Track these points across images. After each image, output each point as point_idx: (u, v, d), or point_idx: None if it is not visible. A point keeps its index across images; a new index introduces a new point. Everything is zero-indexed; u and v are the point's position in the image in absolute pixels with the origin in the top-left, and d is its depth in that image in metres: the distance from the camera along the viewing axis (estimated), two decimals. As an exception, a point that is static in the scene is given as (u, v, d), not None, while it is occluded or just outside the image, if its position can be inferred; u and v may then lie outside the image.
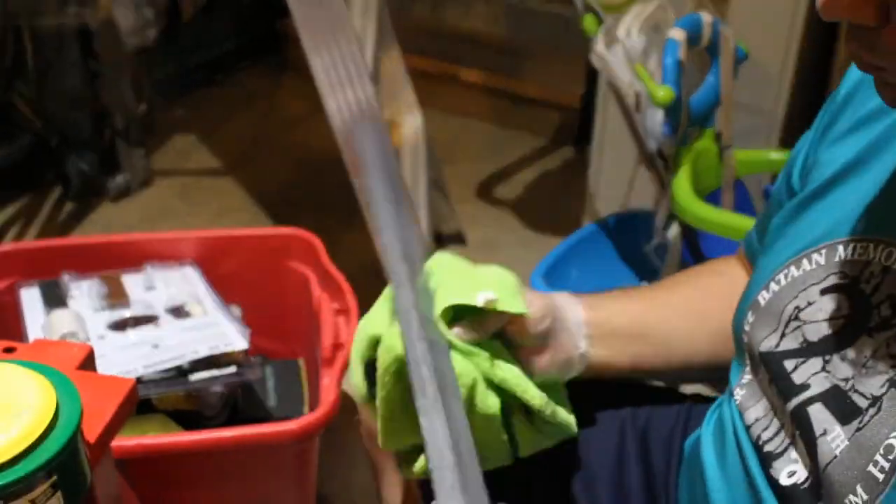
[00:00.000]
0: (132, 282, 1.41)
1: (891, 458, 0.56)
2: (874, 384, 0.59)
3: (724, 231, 1.39)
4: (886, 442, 0.56)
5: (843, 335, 0.61)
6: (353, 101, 1.54)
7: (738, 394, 0.72)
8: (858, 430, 0.58)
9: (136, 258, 1.45)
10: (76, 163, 2.30)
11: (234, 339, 1.24)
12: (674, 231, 1.59)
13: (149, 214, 2.34)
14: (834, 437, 0.60)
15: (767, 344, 0.67)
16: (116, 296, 1.36)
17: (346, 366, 1.23)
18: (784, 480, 0.64)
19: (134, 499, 0.75)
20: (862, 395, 0.59)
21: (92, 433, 0.53)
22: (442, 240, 2.10)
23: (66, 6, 2.16)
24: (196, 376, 1.20)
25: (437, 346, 0.67)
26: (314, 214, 2.27)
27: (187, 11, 2.75)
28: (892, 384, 0.58)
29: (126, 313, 1.32)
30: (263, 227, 2.24)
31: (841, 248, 0.63)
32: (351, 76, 1.52)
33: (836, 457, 0.59)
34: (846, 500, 0.58)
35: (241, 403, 1.35)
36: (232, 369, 1.23)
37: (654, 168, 1.70)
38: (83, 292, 1.37)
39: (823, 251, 0.64)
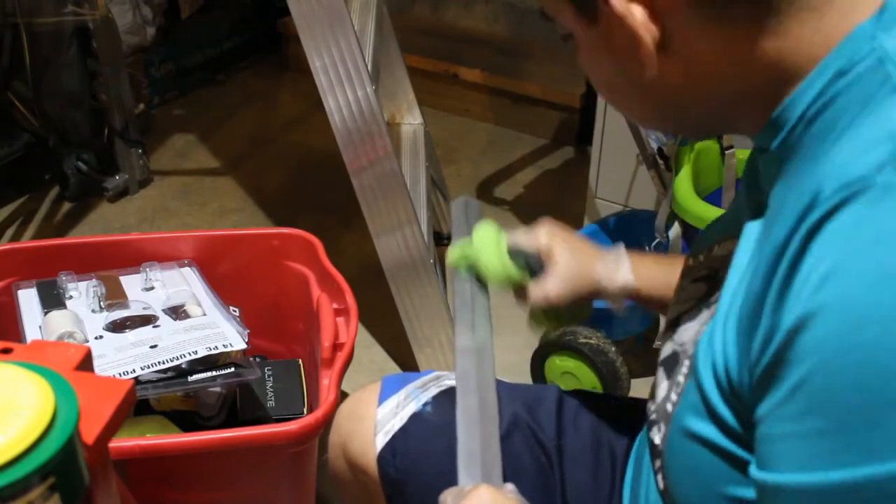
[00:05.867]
0: (130, 282, 1.40)
1: (678, 392, 0.66)
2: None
3: (726, 231, 1.39)
4: (678, 378, 0.67)
5: (693, 312, 0.71)
6: (353, 101, 1.54)
7: None
8: (672, 376, 0.70)
9: (134, 258, 1.44)
10: (74, 162, 2.30)
11: (232, 339, 1.23)
12: (675, 231, 1.58)
13: (147, 214, 2.34)
14: (662, 389, 0.71)
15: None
16: (114, 296, 1.35)
17: (345, 366, 1.22)
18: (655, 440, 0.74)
19: (132, 500, 0.75)
20: (685, 350, 0.69)
21: (90, 434, 0.52)
22: (442, 240, 2.10)
23: (64, 5, 2.15)
24: (195, 377, 1.20)
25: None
26: (314, 214, 2.27)
27: (186, 10, 2.75)
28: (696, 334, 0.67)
29: (124, 313, 1.31)
30: (263, 227, 2.23)
31: (716, 247, 0.73)
32: (351, 76, 1.52)
33: (660, 401, 0.71)
34: (659, 433, 0.70)
35: (239, 404, 1.35)
36: (231, 370, 1.22)
37: (654, 168, 1.70)
38: (81, 292, 1.36)
39: (705, 252, 0.75)
